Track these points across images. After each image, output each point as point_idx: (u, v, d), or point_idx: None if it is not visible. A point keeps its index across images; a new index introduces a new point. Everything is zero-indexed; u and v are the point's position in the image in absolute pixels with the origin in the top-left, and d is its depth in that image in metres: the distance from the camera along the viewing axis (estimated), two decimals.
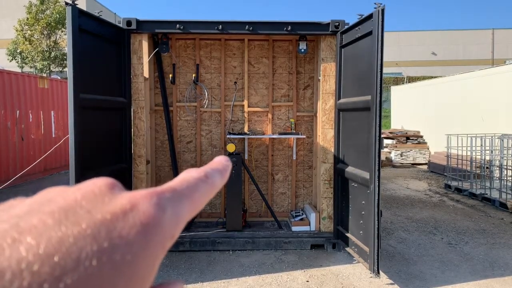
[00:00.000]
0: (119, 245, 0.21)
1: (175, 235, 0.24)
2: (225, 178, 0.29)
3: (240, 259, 4.69)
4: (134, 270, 0.21)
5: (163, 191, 0.24)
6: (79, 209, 0.21)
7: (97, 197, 0.23)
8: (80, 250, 0.20)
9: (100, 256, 0.20)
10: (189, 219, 0.25)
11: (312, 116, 5.75)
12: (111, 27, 4.56)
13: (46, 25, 18.36)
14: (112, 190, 0.23)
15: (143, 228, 0.22)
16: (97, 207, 0.22)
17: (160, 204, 0.23)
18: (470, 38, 32.26)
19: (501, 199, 7.22)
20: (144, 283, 0.22)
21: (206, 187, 0.27)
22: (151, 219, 0.22)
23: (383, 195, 8.00)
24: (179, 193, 0.25)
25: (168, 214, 0.23)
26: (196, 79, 5.63)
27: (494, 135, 8.31)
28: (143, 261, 0.21)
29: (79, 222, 0.21)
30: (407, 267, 4.50)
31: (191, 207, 0.25)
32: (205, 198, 0.27)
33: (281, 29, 4.92)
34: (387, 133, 13.43)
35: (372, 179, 3.86)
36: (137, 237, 0.21)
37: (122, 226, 0.21)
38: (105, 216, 0.21)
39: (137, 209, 0.22)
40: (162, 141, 5.70)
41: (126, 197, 0.23)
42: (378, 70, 3.78)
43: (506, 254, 4.89)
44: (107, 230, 0.21)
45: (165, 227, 0.23)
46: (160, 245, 0.22)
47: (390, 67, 29.99)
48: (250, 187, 5.78)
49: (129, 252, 0.21)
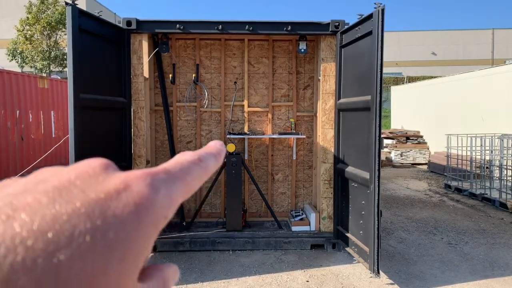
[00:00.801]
0: (113, 223, 0.21)
1: (168, 215, 0.24)
2: (219, 162, 0.29)
3: (240, 259, 4.69)
4: (127, 248, 0.21)
5: (157, 172, 0.24)
6: (73, 188, 0.22)
7: (91, 177, 0.23)
8: (74, 227, 0.20)
9: (93, 233, 0.20)
10: (182, 201, 0.26)
11: (312, 116, 5.75)
12: (111, 27, 4.56)
13: (46, 25, 18.36)
14: (106, 170, 0.24)
15: (136, 207, 0.22)
16: (91, 187, 0.22)
17: (153, 184, 0.23)
18: (470, 38, 32.26)
19: (501, 199, 7.22)
20: (137, 261, 0.22)
21: (200, 171, 0.27)
22: (144, 199, 0.22)
23: (383, 195, 8.00)
24: (172, 175, 0.25)
25: (161, 195, 0.23)
26: (196, 79, 5.63)
27: (494, 135, 8.31)
28: (136, 240, 0.22)
29: (73, 200, 0.21)
30: (407, 267, 4.50)
31: (184, 189, 0.25)
32: (199, 181, 0.27)
33: (281, 29, 4.92)
34: (387, 133, 13.43)
35: (372, 179, 3.86)
36: (130, 217, 0.21)
37: (116, 205, 0.21)
38: (99, 195, 0.22)
39: (130, 189, 0.22)
40: (162, 141, 5.70)
41: (120, 177, 0.23)
42: (378, 70, 3.78)
43: (506, 254, 4.89)
44: (100, 208, 0.21)
45: (158, 207, 0.23)
46: (153, 225, 0.23)
47: (390, 67, 29.99)
48: (250, 187, 5.78)
49: (122, 230, 0.21)
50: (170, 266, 0.27)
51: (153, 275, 0.25)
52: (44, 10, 18.56)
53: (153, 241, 0.23)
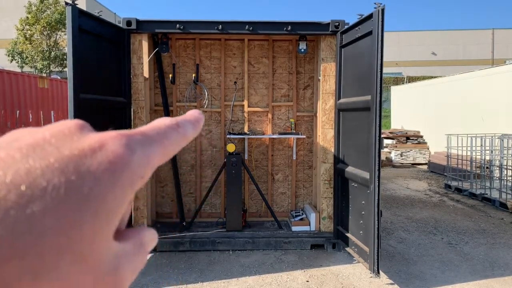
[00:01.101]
0: (87, 179, 0.21)
1: (144, 176, 0.24)
2: (197, 131, 0.29)
3: (240, 259, 4.69)
4: (101, 204, 0.21)
5: (133, 134, 0.24)
6: (47, 146, 0.22)
7: (66, 136, 0.23)
8: (47, 181, 0.20)
9: (67, 187, 0.20)
10: (159, 164, 0.26)
11: (312, 116, 5.75)
12: (111, 27, 4.56)
13: (46, 25, 18.37)
14: (82, 131, 0.24)
15: (111, 165, 0.22)
16: (66, 145, 0.22)
17: (129, 145, 0.23)
18: (470, 38, 32.27)
19: (501, 199, 7.22)
20: (112, 218, 0.22)
21: (177, 136, 0.27)
22: (119, 158, 0.22)
23: (383, 195, 8.00)
24: (149, 137, 0.25)
25: (137, 155, 0.23)
26: (196, 79, 5.63)
27: (494, 135, 8.30)
28: (111, 198, 0.22)
29: (47, 157, 0.21)
30: (407, 267, 4.50)
31: (161, 152, 0.25)
32: (176, 146, 0.27)
33: (281, 29, 4.92)
34: (387, 133, 13.43)
35: (372, 179, 3.86)
36: (105, 174, 0.22)
37: (90, 163, 0.22)
38: (73, 152, 0.22)
39: (105, 148, 0.23)
40: None
41: (95, 137, 0.23)
42: (378, 70, 3.78)
43: (506, 254, 4.89)
44: (75, 165, 0.21)
45: (134, 167, 0.23)
46: (128, 184, 0.23)
47: (390, 67, 29.99)
48: (250, 187, 5.78)
49: (96, 186, 0.21)
50: (148, 229, 0.27)
51: (130, 237, 0.25)
52: (44, 9, 18.56)
53: (129, 201, 0.24)
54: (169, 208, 5.79)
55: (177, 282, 4.09)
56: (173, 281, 4.12)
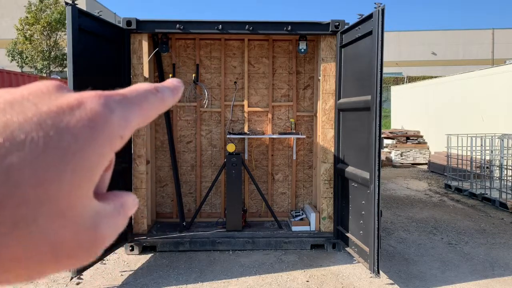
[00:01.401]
0: (66, 135, 0.21)
1: (124, 136, 0.24)
2: (176, 97, 0.29)
3: (240, 259, 4.69)
4: (80, 160, 0.22)
5: (112, 94, 0.25)
6: (25, 102, 0.22)
7: (44, 93, 0.23)
8: (26, 134, 0.20)
9: (46, 142, 0.21)
10: (138, 127, 0.26)
11: (312, 116, 5.75)
12: (111, 27, 4.56)
13: (46, 24, 18.36)
14: (60, 90, 0.24)
15: (90, 123, 0.22)
16: (44, 102, 0.22)
17: (107, 104, 0.24)
18: (470, 38, 32.26)
19: (501, 199, 7.22)
20: (91, 175, 0.23)
21: (156, 100, 0.27)
22: (98, 116, 0.23)
23: (383, 195, 8.00)
24: (128, 99, 0.25)
25: (116, 115, 0.24)
26: (196, 79, 5.63)
27: (494, 135, 8.31)
28: (90, 154, 0.22)
29: (25, 112, 0.21)
30: (407, 267, 4.50)
31: (140, 114, 0.26)
32: (154, 110, 0.27)
33: (281, 29, 4.92)
34: (387, 133, 13.43)
35: (372, 179, 3.86)
36: (84, 131, 0.22)
37: (69, 120, 0.22)
38: (51, 108, 0.22)
39: (84, 106, 0.23)
40: (162, 141, 5.70)
41: (73, 95, 0.23)
42: (378, 70, 3.78)
43: (506, 254, 4.89)
44: (53, 120, 0.21)
45: (113, 126, 0.23)
46: (107, 143, 0.23)
47: (390, 67, 30.00)
48: (250, 187, 5.78)
49: (75, 142, 0.21)
50: (129, 193, 0.28)
51: (111, 199, 0.26)
52: (43, 9, 18.55)
53: (109, 160, 0.24)
54: (169, 208, 5.79)
55: (177, 282, 4.09)
56: (173, 281, 4.12)
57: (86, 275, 4.16)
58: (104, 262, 4.56)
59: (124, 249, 4.83)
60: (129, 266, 4.49)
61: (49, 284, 4.04)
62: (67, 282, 4.05)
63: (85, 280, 4.10)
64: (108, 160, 0.24)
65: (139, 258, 4.70)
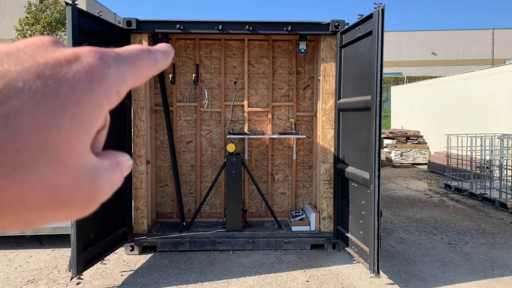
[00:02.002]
0: (64, 85, 0.22)
1: (120, 92, 0.25)
2: (167, 59, 0.30)
3: (240, 259, 4.69)
4: (78, 110, 0.22)
5: (107, 51, 0.25)
6: (22, 54, 0.22)
7: (40, 47, 0.23)
8: (24, 82, 0.21)
9: (44, 91, 0.21)
10: (132, 86, 0.26)
11: (312, 116, 5.75)
12: (111, 27, 4.56)
13: (46, 25, 18.37)
14: (56, 45, 0.24)
15: (87, 75, 0.23)
16: (40, 54, 0.23)
17: (104, 58, 0.24)
18: (470, 38, 32.25)
19: (501, 199, 7.22)
20: (89, 126, 0.23)
21: (149, 60, 0.28)
22: (95, 69, 0.23)
23: (383, 195, 8.00)
24: (122, 57, 0.26)
25: (112, 70, 0.24)
26: (196, 79, 5.63)
27: (494, 135, 8.31)
28: (88, 106, 0.22)
29: (22, 62, 0.21)
30: (407, 267, 4.50)
31: (134, 72, 0.26)
32: (147, 70, 0.28)
33: (281, 29, 4.92)
34: (387, 133, 13.43)
35: (372, 179, 3.86)
36: (82, 82, 0.22)
37: (66, 71, 0.22)
38: (48, 60, 0.22)
39: (81, 60, 0.23)
40: (162, 141, 5.70)
41: (70, 49, 0.24)
42: (378, 70, 3.78)
43: (506, 254, 4.89)
44: (51, 71, 0.22)
45: (110, 80, 0.24)
46: (105, 96, 0.24)
47: (390, 67, 29.97)
48: (250, 187, 5.78)
49: (73, 93, 0.22)
50: (123, 154, 0.28)
51: (107, 156, 0.26)
52: (43, 10, 18.56)
53: (105, 114, 0.24)
54: (169, 208, 5.79)
55: (177, 282, 4.09)
56: (173, 281, 4.12)
57: (86, 275, 4.16)
58: (104, 262, 4.56)
59: (124, 249, 4.83)
60: (129, 266, 4.49)
61: (49, 284, 4.04)
62: (67, 282, 4.05)
63: (85, 280, 4.10)
64: (104, 114, 0.24)
65: (139, 258, 4.70)
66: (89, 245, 4.00)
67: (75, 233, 3.73)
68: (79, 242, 3.77)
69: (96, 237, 4.13)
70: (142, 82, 0.27)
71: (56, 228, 4.86)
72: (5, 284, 4.06)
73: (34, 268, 4.45)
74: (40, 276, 4.24)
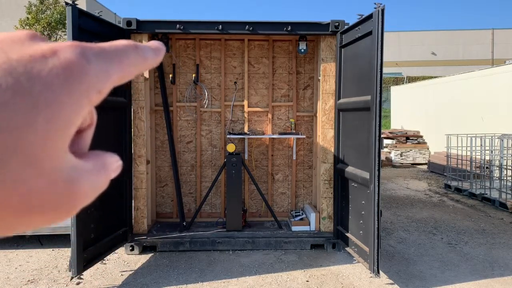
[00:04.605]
0: (37, 83, 0.21)
1: (102, 90, 0.24)
2: (157, 57, 0.29)
3: (240, 259, 4.69)
4: (55, 110, 0.21)
5: (90, 46, 0.24)
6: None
7: (15, 42, 0.22)
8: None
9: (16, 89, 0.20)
10: (117, 83, 0.25)
11: (312, 116, 5.75)
12: (111, 27, 4.56)
13: (46, 25, 18.37)
14: (33, 39, 0.23)
15: (64, 71, 0.22)
16: (14, 50, 0.22)
17: (84, 53, 0.23)
18: (470, 38, 32.25)
19: (501, 199, 7.22)
20: (67, 127, 0.22)
21: (136, 56, 0.27)
22: (73, 65, 0.22)
23: (383, 195, 8.00)
24: (107, 52, 0.24)
25: (94, 66, 0.23)
26: (196, 79, 5.63)
27: (494, 135, 8.31)
28: (65, 105, 0.21)
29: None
30: (407, 267, 4.50)
31: (120, 69, 0.25)
32: (135, 67, 0.26)
33: (281, 29, 4.92)
34: (387, 133, 13.43)
35: (372, 179, 3.87)
36: (58, 80, 0.21)
37: (41, 68, 0.21)
38: (23, 56, 0.21)
39: (58, 55, 0.22)
40: (162, 141, 5.70)
41: (47, 44, 0.23)
42: (378, 70, 3.78)
43: (506, 254, 4.89)
44: (24, 68, 0.21)
45: (91, 77, 0.23)
46: (85, 95, 0.22)
47: (390, 67, 29.98)
48: (250, 187, 5.78)
49: (49, 91, 0.21)
50: (112, 154, 0.27)
51: (92, 158, 0.25)
52: (44, 10, 18.56)
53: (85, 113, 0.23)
54: (169, 208, 5.79)
55: (177, 282, 4.09)
56: (173, 281, 4.12)
57: (86, 275, 4.16)
58: (104, 262, 4.56)
59: (124, 249, 4.83)
60: (129, 266, 4.49)
61: (49, 284, 4.04)
62: (67, 282, 4.05)
63: (85, 280, 4.11)
64: (83, 113, 0.23)
65: (139, 258, 4.70)
66: (89, 245, 4.00)
67: (75, 233, 3.74)
68: (79, 242, 3.77)
69: (96, 237, 4.13)
70: (127, 80, 0.26)
71: (56, 228, 4.86)
72: (5, 284, 4.06)
73: (34, 268, 4.45)
74: (40, 276, 4.25)
